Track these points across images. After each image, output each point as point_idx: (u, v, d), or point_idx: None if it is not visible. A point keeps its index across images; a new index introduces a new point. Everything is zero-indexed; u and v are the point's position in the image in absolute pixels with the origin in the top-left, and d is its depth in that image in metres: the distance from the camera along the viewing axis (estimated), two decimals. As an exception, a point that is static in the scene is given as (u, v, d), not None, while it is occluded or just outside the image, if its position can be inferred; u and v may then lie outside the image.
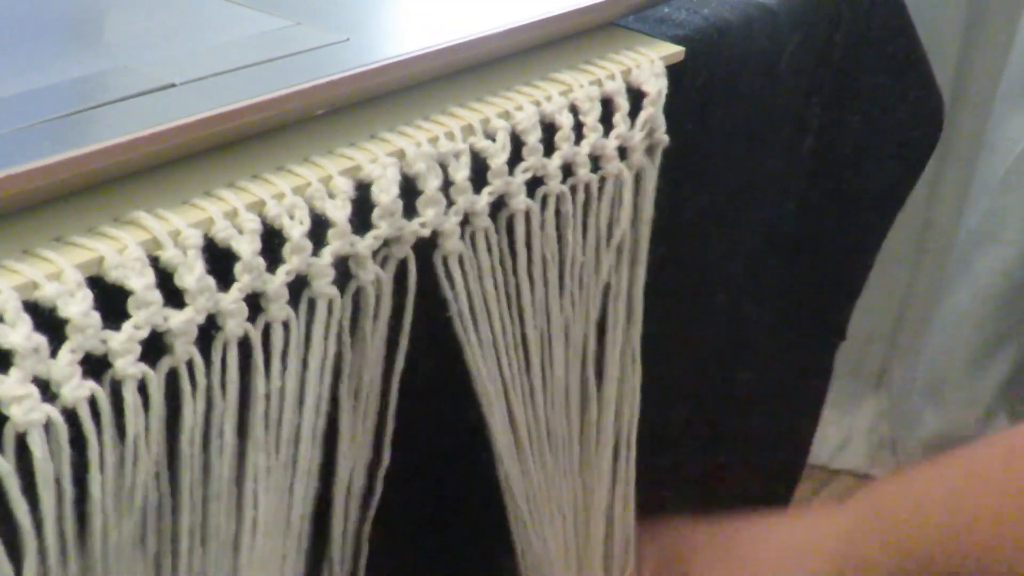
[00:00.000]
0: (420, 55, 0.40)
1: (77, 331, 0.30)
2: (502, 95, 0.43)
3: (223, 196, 0.35)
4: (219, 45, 0.40)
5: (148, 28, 0.41)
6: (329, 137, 0.39)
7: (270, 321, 0.36)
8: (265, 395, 0.36)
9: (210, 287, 0.33)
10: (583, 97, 0.44)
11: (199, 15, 0.42)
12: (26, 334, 0.29)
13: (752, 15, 0.52)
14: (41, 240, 0.32)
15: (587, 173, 0.45)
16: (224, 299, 0.34)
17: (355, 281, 0.38)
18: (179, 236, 0.33)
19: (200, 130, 0.35)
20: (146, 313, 0.32)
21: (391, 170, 0.38)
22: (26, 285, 0.30)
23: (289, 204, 0.36)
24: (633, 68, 0.46)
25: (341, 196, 0.37)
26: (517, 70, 0.45)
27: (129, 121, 0.34)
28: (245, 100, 0.35)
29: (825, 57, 0.57)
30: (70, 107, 0.34)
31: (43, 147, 0.32)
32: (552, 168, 0.43)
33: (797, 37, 0.54)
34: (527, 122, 0.42)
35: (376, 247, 0.38)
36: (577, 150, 0.44)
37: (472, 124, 0.41)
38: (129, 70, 0.37)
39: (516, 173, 0.42)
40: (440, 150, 0.40)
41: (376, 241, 0.38)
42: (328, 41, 0.40)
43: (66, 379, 0.30)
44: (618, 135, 0.45)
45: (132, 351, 0.32)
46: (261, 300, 0.35)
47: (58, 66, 0.37)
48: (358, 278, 0.38)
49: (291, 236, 0.35)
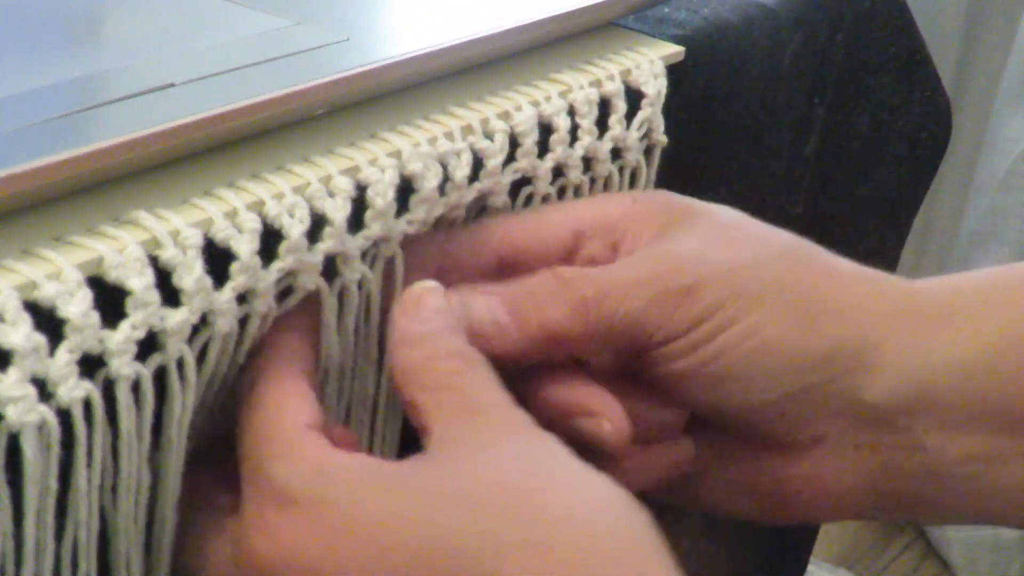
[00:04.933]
0: (420, 55, 0.40)
1: (76, 331, 0.30)
2: (502, 95, 0.43)
3: (223, 196, 0.35)
4: (219, 45, 0.40)
5: (148, 28, 0.41)
6: (329, 137, 0.39)
7: (250, 314, 0.36)
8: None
9: (207, 287, 0.33)
10: (582, 99, 0.44)
11: (199, 15, 0.42)
12: (26, 334, 0.29)
13: (752, 15, 0.52)
14: (41, 240, 0.32)
15: (578, 175, 0.45)
16: (218, 298, 0.34)
17: (339, 279, 0.38)
18: (179, 236, 0.33)
19: (200, 130, 0.35)
20: (144, 313, 0.32)
21: (389, 173, 0.38)
22: (26, 285, 0.30)
23: (289, 204, 0.36)
24: (633, 68, 0.46)
25: (342, 196, 0.37)
26: (517, 70, 0.45)
27: (129, 121, 0.34)
28: (245, 100, 0.35)
29: (827, 58, 0.57)
30: (70, 107, 0.34)
31: (43, 147, 0.32)
32: (543, 170, 0.43)
33: (798, 37, 0.54)
34: (526, 123, 0.42)
35: (366, 247, 0.38)
36: (571, 152, 0.44)
37: (471, 124, 0.41)
38: (129, 70, 0.37)
39: (505, 173, 0.42)
40: (439, 150, 0.40)
41: (366, 241, 0.38)
42: (328, 41, 0.40)
43: (63, 379, 0.30)
44: (612, 136, 0.45)
45: (129, 351, 0.32)
46: (248, 296, 0.35)
47: (58, 66, 0.37)
48: (342, 276, 0.38)
49: (291, 235, 0.35)
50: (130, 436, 0.33)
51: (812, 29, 0.55)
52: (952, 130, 0.66)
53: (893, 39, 0.61)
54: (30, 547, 0.31)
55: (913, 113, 0.63)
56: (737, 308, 0.40)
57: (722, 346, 0.40)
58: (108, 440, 0.33)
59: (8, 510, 0.31)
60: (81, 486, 0.32)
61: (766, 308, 0.41)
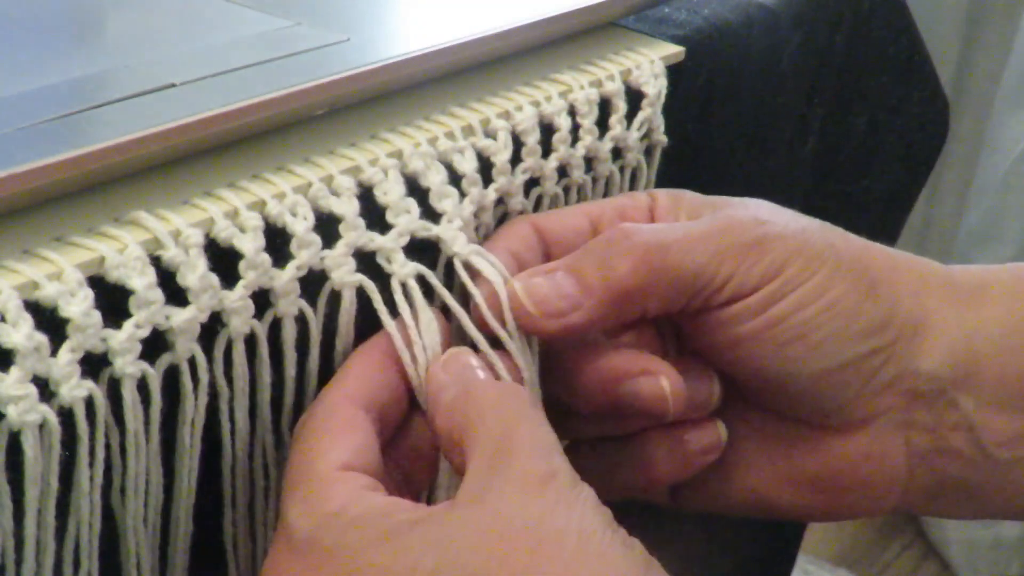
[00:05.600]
0: (420, 55, 0.40)
1: (78, 330, 0.31)
2: (502, 95, 0.43)
3: (223, 196, 0.35)
4: (219, 45, 0.40)
5: (148, 28, 0.41)
6: (329, 137, 0.39)
7: (280, 316, 0.36)
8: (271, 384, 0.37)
9: (213, 285, 0.33)
10: (582, 99, 0.44)
11: (199, 15, 0.42)
12: (28, 333, 0.29)
13: (752, 15, 0.52)
14: (41, 240, 0.32)
15: (581, 175, 0.45)
16: (229, 296, 0.34)
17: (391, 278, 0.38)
18: (180, 235, 0.33)
19: (200, 130, 0.35)
20: (147, 312, 0.32)
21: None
22: (27, 285, 0.30)
23: (291, 202, 0.36)
24: (633, 68, 0.46)
25: (346, 193, 0.37)
26: (517, 70, 0.45)
27: (129, 121, 0.34)
28: (245, 100, 0.36)
29: (826, 58, 0.57)
30: (70, 107, 0.34)
31: (43, 147, 0.32)
32: (549, 170, 0.44)
33: (798, 37, 0.54)
34: (527, 123, 0.42)
35: (404, 243, 0.38)
36: (573, 152, 0.44)
37: (472, 124, 0.41)
38: (129, 70, 0.37)
39: (516, 173, 0.42)
40: (441, 149, 0.40)
41: (402, 238, 0.38)
42: (328, 41, 0.40)
43: (65, 379, 0.30)
44: (613, 136, 0.46)
45: (132, 350, 0.32)
46: (270, 296, 0.36)
47: (58, 66, 0.37)
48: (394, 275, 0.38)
49: (295, 231, 0.35)
50: (137, 435, 0.33)
51: (811, 29, 0.55)
52: (951, 130, 0.66)
53: (892, 39, 0.61)
54: (30, 546, 0.31)
55: (911, 113, 0.63)
56: (803, 267, 0.40)
57: (793, 305, 0.40)
58: (115, 440, 0.33)
59: (8, 509, 0.31)
60: (83, 485, 0.32)
61: (828, 269, 0.40)
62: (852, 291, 0.41)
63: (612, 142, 0.46)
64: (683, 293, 0.40)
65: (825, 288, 0.40)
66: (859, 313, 0.41)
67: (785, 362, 0.41)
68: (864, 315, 0.41)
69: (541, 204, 0.44)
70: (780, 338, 0.40)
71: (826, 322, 0.40)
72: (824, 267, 0.40)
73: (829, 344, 0.40)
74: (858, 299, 0.41)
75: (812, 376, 0.41)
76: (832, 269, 0.40)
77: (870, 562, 1.49)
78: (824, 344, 0.40)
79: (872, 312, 0.41)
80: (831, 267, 0.40)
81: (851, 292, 0.41)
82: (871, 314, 0.41)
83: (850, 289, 0.41)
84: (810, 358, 0.41)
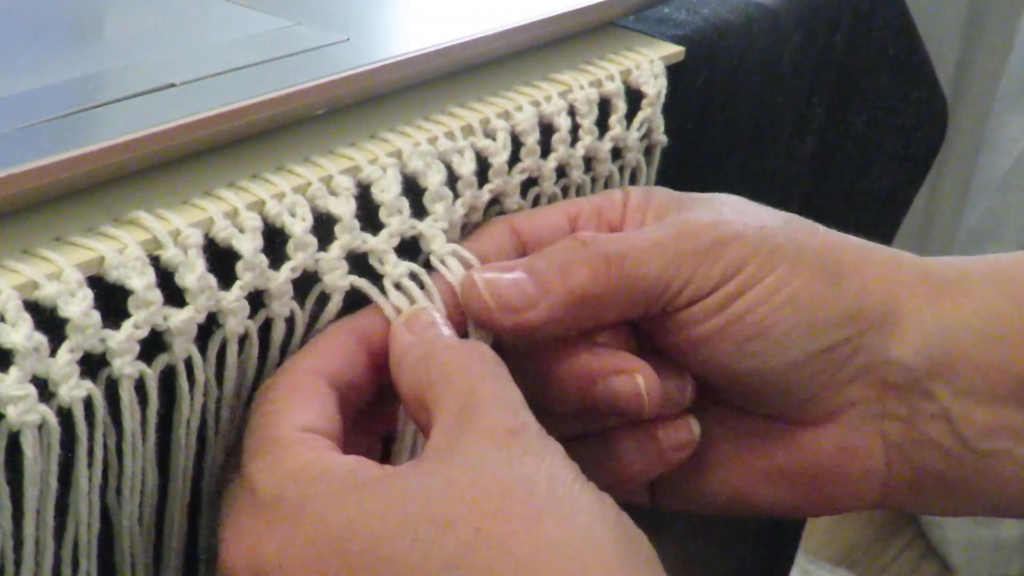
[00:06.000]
0: (420, 55, 0.40)
1: (77, 330, 0.31)
2: (502, 95, 0.43)
3: (223, 196, 0.35)
4: (219, 45, 0.40)
5: (148, 28, 0.41)
6: (329, 137, 0.39)
7: (272, 317, 0.36)
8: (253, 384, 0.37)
9: (211, 286, 0.33)
10: (582, 99, 0.44)
11: (199, 15, 0.42)
12: (27, 333, 0.29)
13: (752, 15, 0.52)
14: (41, 240, 0.32)
15: (580, 175, 0.45)
16: (226, 297, 0.34)
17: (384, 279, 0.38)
18: (179, 236, 0.33)
19: (200, 130, 0.35)
20: (146, 313, 0.32)
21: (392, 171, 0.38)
22: (26, 285, 0.30)
23: (290, 202, 0.36)
24: (633, 68, 0.46)
25: (344, 193, 0.37)
26: (517, 70, 0.45)
27: (129, 121, 0.34)
28: (245, 100, 0.36)
29: (826, 57, 0.58)
30: (70, 107, 0.34)
31: (43, 147, 0.32)
32: (547, 170, 0.44)
33: (797, 37, 0.54)
34: (526, 123, 0.42)
35: (396, 244, 0.38)
36: (572, 152, 0.44)
37: (472, 124, 0.41)
38: (129, 70, 0.37)
39: (513, 173, 0.42)
40: (440, 149, 0.40)
41: (393, 239, 0.38)
42: (328, 41, 0.40)
43: (64, 379, 0.30)
44: (612, 136, 0.46)
45: (131, 350, 0.32)
46: (264, 297, 0.36)
47: (58, 66, 0.37)
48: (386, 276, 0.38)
49: (293, 232, 0.35)
50: (134, 436, 0.33)
51: (811, 29, 0.55)
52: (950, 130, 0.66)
53: (891, 39, 0.61)
54: (30, 546, 0.31)
55: (909, 113, 0.63)
56: (761, 264, 0.40)
57: (751, 302, 0.40)
58: (112, 440, 0.33)
59: (8, 509, 0.31)
60: (82, 485, 0.32)
61: (788, 264, 0.40)
62: (813, 283, 0.41)
63: (612, 142, 0.46)
64: (641, 301, 0.40)
65: (784, 282, 0.40)
66: (822, 305, 0.41)
67: (749, 358, 0.41)
68: (828, 306, 0.41)
69: (539, 204, 0.44)
70: (741, 335, 0.40)
71: (788, 316, 0.40)
72: (783, 262, 0.40)
73: (793, 337, 0.41)
74: (820, 290, 0.41)
75: (778, 370, 0.41)
76: (792, 263, 0.41)
77: (870, 562, 1.49)
78: (787, 338, 0.40)
79: (837, 303, 0.41)
80: (791, 261, 0.41)
81: (812, 284, 0.41)
82: (836, 305, 0.41)
83: (811, 281, 0.41)
84: (774, 352, 0.41)
